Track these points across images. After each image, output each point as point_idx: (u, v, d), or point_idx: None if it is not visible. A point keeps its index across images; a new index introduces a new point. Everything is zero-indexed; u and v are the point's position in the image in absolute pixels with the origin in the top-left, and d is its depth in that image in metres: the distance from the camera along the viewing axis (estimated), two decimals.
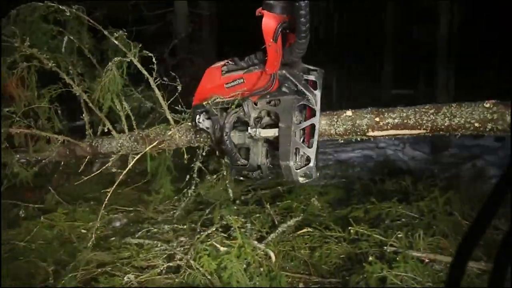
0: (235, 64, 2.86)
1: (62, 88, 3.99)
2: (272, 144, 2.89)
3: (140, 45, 3.56)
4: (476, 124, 2.62)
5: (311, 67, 2.87)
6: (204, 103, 2.98)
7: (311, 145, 2.71)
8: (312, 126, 2.73)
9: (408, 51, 13.64)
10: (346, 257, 3.95)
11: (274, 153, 2.96)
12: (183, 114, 3.65)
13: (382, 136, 2.90)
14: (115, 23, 3.69)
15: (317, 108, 2.75)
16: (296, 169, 2.68)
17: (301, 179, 2.73)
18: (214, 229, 3.96)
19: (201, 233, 3.92)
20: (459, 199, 4.61)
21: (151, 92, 4.18)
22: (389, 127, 2.82)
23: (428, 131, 2.78)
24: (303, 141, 2.77)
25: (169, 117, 3.65)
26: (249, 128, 2.79)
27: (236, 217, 4.00)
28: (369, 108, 2.86)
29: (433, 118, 2.73)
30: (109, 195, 3.63)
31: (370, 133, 2.90)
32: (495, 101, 2.55)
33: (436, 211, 4.33)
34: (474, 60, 12.51)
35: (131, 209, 4.94)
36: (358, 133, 2.92)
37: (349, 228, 4.05)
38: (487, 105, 2.58)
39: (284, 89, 2.75)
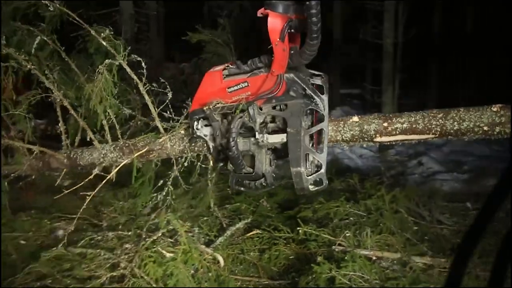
0: (237, 67, 2.77)
1: (42, 93, 3.76)
2: (275, 152, 2.81)
3: (129, 47, 3.39)
4: (485, 128, 2.65)
5: (315, 72, 2.82)
6: (204, 108, 2.83)
7: (320, 151, 2.65)
8: (320, 132, 2.69)
9: (355, 50, 13.95)
10: (295, 258, 3.96)
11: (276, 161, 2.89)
12: (171, 121, 3.47)
13: (390, 141, 2.88)
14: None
15: (325, 113, 2.70)
16: (307, 176, 2.60)
17: (311, 187, 2.65)
18: (160, 234, 3.84)
19: (147, 239, 3.80)
20: (405, 196, 4.71)
21: (128, 97, 4.03)
22: (397, 132, 2.82)
23: (437, 135, 2.78)
24: (312, 147, 2.70)
25: (159, 124, 3.45)
26: (256, 133, 2.68)
27: (181, 221, 3.90)
28: (376, 114, 2.87)
29: (442, 122, 2.73)
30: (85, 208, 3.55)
31: (378, 139, 2.87)
32: (502, 105, 2.60)
33: (383, 209, 4.41)
34: (419, 59, 12.93)
35: (74, 216, 4.72)
36: (366, 139, 2.90)
37: (298, 228, 4.05)
38: (495, 109, 2.62)
39: (291, 93, 2.66)
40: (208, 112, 2.80)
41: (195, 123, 2.90)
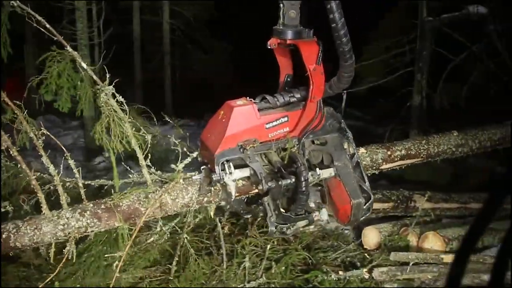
0: (262, 101, 2.58)
1: None
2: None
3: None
4: (453, 149, 3.43)
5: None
6: (245, 147, 2.46)
7: (364, 180, 2.67)
8: (357, 164, 2.70)
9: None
10: None
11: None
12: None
13: (392, 167, 3.26)
14: None
15: (354, 145, 2.73)
16: (363, 206, 2.59)
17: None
18: None
19: None
20: None
21: None
22: (397, 158, 3.25)
23: (424, 159, 3.37)
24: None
25: (147, 175, 2.82)
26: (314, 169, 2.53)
27: None
28: (375, 144, 3.27)
29: (427, 147, 3.34)
30: None
31: (383, 166, 3.25)
32: (458, 131, 3.51)
33: None
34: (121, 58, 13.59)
35: None
36: (374, 167, 3.22)
37: None
38: (455, 134, 3.47)
39: (328, 127, 2.64)
40: (249, 152, 2.48)
41: (226, 166, 2.49)
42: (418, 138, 3.50)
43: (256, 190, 2.65)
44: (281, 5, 2.37)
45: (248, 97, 2.58)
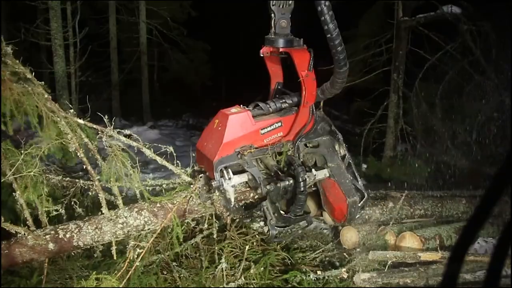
0: (255, 108, 2.66)
1: None
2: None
3: None
4: (460, 215, 4.18)
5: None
6: (243, 153, 2.54)
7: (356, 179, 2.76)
8: (349, 164, 2.81)
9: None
10: None
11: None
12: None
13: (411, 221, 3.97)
14: None
15: (344, 146, 2.84)
16: (358, 204, 2.69)
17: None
18: None
19: None
20: None
21: None
22: (416, 216, 4.06)
23: (436, 219, 4.07)
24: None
25: (185, 177, 2.90)
26: (301, 172, 2.56)
27: None
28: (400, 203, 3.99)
29: (440, 210, 4.08)
30: None
31: (404, 220, 4.07)
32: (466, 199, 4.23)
33: None
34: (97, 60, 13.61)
35: None
36: (397, 221, 4.03)
37: None
38: (463, 202, 4.20)
39: (319, 130, 2.73)
40: (247, 158, 2.55)
41: (223, 173, 2.55)
42: (436, 200, 4.15)
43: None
44: (272, 15, 2.43)
45: (241, 105, 2.67)
